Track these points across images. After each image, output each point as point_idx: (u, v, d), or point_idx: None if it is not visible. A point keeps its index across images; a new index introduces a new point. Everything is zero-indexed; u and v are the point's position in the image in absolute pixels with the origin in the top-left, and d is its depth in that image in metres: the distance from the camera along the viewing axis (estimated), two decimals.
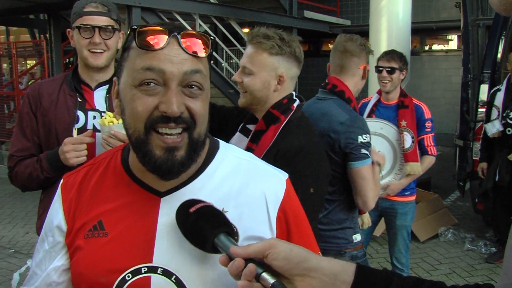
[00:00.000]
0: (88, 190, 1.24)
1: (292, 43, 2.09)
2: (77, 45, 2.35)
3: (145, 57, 1.07)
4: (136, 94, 1.08)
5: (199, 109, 1.10)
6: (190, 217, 1.05)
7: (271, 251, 0.96)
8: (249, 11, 10.22)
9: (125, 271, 1.13)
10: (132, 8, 7.85)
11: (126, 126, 1.14)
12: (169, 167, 1.08)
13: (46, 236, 1.28)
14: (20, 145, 2.36)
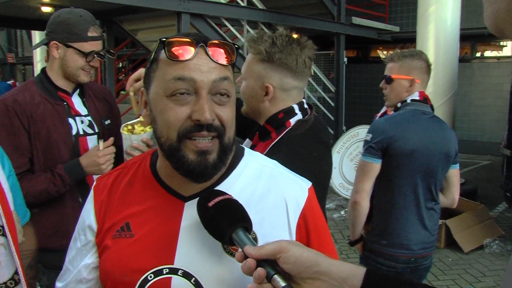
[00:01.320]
0: (118, 192, 1.30)
1: (288, 49, 1.87)
2: (71, 62, 2.38)
3: (175, 68, 1.12)
4: (168, 104, 1.12)
5: (228, 115, 1.15)
6: (208, 211, 1.08)
7: (282, 254, 0.98)
8: (296, 17, 10.23)
9: (148, 271, 1.18)
10: (182, 14, 8.01)
11: (158, 135, 1.18)
12: (202, 170, 1.13)
13: (78, 234, 1.34)
14: (17, 162, 2.20)
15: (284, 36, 1.90)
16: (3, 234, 1.36)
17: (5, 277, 1.37)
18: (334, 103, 11.31)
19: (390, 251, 2.77)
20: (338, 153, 3.45)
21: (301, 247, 1.02)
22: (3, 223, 1.36)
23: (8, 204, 1.41)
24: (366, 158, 2.73)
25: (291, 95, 1.92)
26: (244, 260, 1.00)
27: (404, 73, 2.83)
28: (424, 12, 7.28)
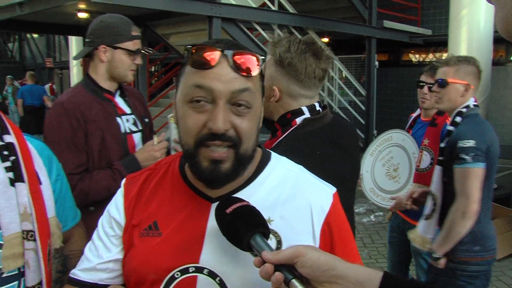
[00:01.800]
0: (147, 192, 1.32)
1: (301, 58, 1.89)
2: (119, 63, 2.50)
3: (197, 75, 1.13)
4: (187, 111, 1.14)
5: (246, 127, 1.14)
6: (226, 217, 1.09)
7: (299, 258, 0.99)
8: (328, 21, 10.23)
9: (174, 269, 1.20)
10: (213, 18, 8.10)
11: (179, 138, 1.21)
12: (214, 178, 1.14)
13: (103, 227, 1.35)
14: (78, 161, 2.36)
15: (302, 44, 1.91)
16: (34, 240, 1.38)
17: (35, 281, 1.38)
18: (365, 107, 11.26)
19: (483, 255, 2.72)
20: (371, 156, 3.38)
21: (318, 251, 1.03)
22: (34, 229, 1.39)
23: (44, 210, 1.43)
24: (477, 164, 2.63)
25: (298, 101, 1.96)
26: (262, 265, 1.01)
27: (460, 78, 2.82)
28: (456, 15, 7.19)
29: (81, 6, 8.72)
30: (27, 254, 1.36)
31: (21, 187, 1.36)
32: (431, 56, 13.71)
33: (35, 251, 1.37)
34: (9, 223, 1.33)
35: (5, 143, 1.39)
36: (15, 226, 1.34)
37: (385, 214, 7.50)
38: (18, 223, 1.35)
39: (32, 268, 1.36)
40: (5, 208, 1.33)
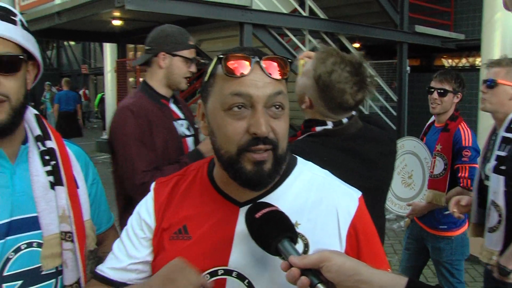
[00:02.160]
0: (177, 197, 1.36)
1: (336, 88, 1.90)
2: (176, 70, 2.65)
3: (232, 83, 1.17)
4: (226, 119, 1.17)
5: (282, 128, 1.20)
6: (255, 222, 1.13)
7: (325, 263, 1.01)
8: (359, 26, 10.18)
9: (204, 272, 1.23)
10: (244, 25, 8.16)
11: (217, 147, 1.22)
12: (259, 179, 1.18)
13: (133, 228, 1.38)
14: (148, 159, 2.50)
15: (346, 69, 1.90)
16: (71, 240, 1.46)
17: (72, 280, 1.47)
18: (396, 112, 11.15)
19: None
20: None
21: (344, 256, 1.05)
22: (72, 231, 1.46)
23: (81, 213, 1.51)
24: None
25: (324, 116, 1.99)
26: (288, 269, 1.04)
27: (511, 80, 2.76)
28: (489, 19, 7.09)
29: (115, 14, 8.92)
30: (65, 254, 1.44)
31: (60, 190, 1.45)
32: (464, 61, 13.51)
33: (72, 252, 1.45)
34: (49, 224, 1.41)
35: (46, 148, 1.48)
36: (54, 228, 1.42)
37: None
38: (57, 225, 1.43)
39: (70, 268, 1.45)
40: (45, 210, 1.41)
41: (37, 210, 1.41)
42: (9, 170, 1.40)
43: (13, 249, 1.37)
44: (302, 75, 2.05)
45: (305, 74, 2.03)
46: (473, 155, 3.44)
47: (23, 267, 1.39)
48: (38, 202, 1.41)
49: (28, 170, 1.44)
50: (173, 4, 7.49)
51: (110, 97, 14.64)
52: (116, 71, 13.20)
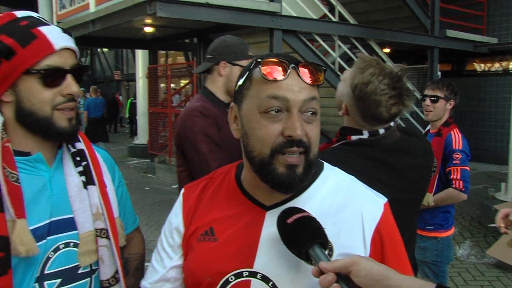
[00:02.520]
0: (205, 200, 1.40)
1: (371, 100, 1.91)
2: (234, 78, 2.70)
3: (269, 87, 1.20)
4: (261, 122, 1.20)
5: (314, 133, 1.22)
6: (287, 227, 1.15)
7: (353, 268, 1.03)
8: (389, 31, 10.14)
9: (229, 273, 1.26)
10: (274, 30, 8.21)
11: (249, 149, 1.24)
12: (291, 182, 1.20)
13: (165, 237, 1.45)
14: (222, 157, 2.60)
15: (384, 82, 1.89)
16: (107, 237, 1.53)
17: (108, 275, 1.54)
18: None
19: None
20: None
21: (372, 261, 1.06)
22: (107, 227, 1.54)
23: (112, 211, 1.58)
24: None
25: (359, 124, 2.01)
26: (319, 275, 1.06)
27: None
28: None
29: (147, 21, 9.10)
30: (101, 251, 1.52)
31: (92, 189, 1.53)
32: (497, 65, 13.29)
33: (108, 248, 1.53)
34: (83, 222, 1.49)
35: (76, 150, 1.56)
36: (88, 225, 1.50)
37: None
38: (91, 222, 1.51)
39: (106, 263, 1.53)
40: (80, 209, 1.49)
41: (72, 209, 1.49)
42: (47, 174, 1.47)
43: (52, 249, 1.44)
44: (342, 81, 2.08)
45: (344, 81, 2.05)
46: (464, 157, 3.57)
47: (61, 266, 1.46)
48: (72, 202, 1.49)
49: (63, 172, 1.52)
50: (203, 10, 7.60)
51: (141, 103, 14.86)
52: (148, 77, 13.42)
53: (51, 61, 1.40)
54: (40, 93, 1.40)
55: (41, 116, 1.41)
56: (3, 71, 1.36)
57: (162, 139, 13.15)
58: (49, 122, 1.42)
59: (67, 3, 10.33)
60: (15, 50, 1.35)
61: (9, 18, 1.41)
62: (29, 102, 1.40)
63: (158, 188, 10.95)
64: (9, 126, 1.43)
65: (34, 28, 1.39)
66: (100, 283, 1.55)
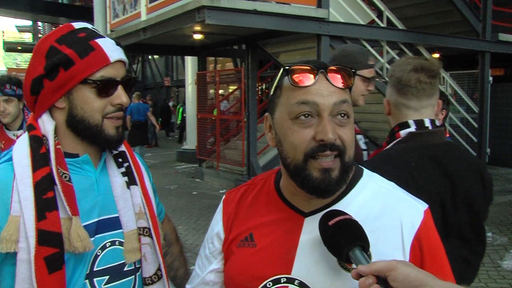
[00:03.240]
0: (245, 206, 1.42)
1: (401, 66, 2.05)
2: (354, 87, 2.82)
3: (298, 93, 1.21)
4: (293, 128, 1.22)
5: (348, 135, 1.22)
6: (328, 229, 1.15)
7: (391, 273, 1.02)
8: (438, 36, 9.99)
9: (267, 279, 1.27)
10: (321, 36, 8.23)
11: (284, 156, 1.25)
12: (327, 186, 1.19)
13: (207, 242, 1.48)
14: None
15: (409, 60, 2.04)
16: (149, 235, 1.60)
17: (151, 272, 1.61)
18: (478, 124, 10.80)
19: None
20: None
21: (410, 266, 1.05)
22: (149, 226, 1.60)
23: (153, 210, 1.65)
24: None
25: (402, 112, 2.08)
26: (359, 278, 1.05)
27: None
28: None
29: (196, 28, 9.26)
30: (144, 248, 1.59)
31: (135, 189, 1.61)
32: None
33: (150, 246, 1.60)
34: (128, 221, 1.57)
35: (118, 152, 1.64)
36: (132, 224, 1.58)
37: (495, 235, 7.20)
38: (134, 221, 1.58)
39: (148, 261, 1.60)
40: (124, 208, 1.57)
41: (117, 208, 1.56)
42: (94, 174, 1.55)
43: (100, 247, 1.51)
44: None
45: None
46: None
47: (108, 263, 1.53)
48: (117, 202, 1.56)
49: (108, 173, 1.59)
50: (251, 17, 7.70)
51: (190, 109, 15.11)
52: (197, 83, 13.64)
53: (105, 72, 1.47)
54: (93, 102, 1.47)
55: (92, 123, 1.48)
56: (60, 80, 1.45)
57: (210, 144, 13.32)
58: (99, 130, 1.49)
59: (120, 13, 10.65)
60: (74, 60, 1.44)
61: (68, 29, 1.51)
62: (82, 109, 1.48)
63: (205, 193, 11.11)
64: (60, 130, 1.51)
65: (92, 40, 1.48)
66: (143, 281, 1.62)
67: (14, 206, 1.37)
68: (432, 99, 2.06)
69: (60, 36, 1.48)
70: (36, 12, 16.64)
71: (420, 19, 11.16)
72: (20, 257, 1.36)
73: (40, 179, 1.39)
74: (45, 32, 32.30)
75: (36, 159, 1.41)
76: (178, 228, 7.93)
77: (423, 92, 2.03)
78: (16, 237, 1.35)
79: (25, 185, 1.38)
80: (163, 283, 1.64)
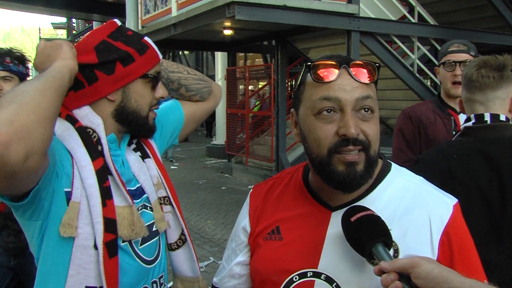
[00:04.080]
0: (272, 199, 1.43)
1: (467, 69, 2.15)
2: (442, 78, 2.92)
3: (321, 89, 1.21)
4: (316, 123, 1.22)
5: (372, 130, 1.22)
6: (351, 225, 1.15)
7: (414, 269, 1.01)
8: (471, 31, 9.80)
9: (293, 273, 1.27)
10: (352, 32, 8.18)
11: (309, 151, 1.26)
12: (351, 180, 1.20)
13: (234, 235, 1.50)
14: (406, 157, 2.87)
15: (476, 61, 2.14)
16: (170, 204, 1.69)
17: (175, 237, 1.71)
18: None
19: None
20: None
21: (433, 263, 1.04)
22: (168, 195, 1.70)
23: (169, 179, 1.74)
24: None
25: (470, 107, 2.15)
26: (381, 274, 1.05)
27: None
28: None
29: (226, 24, 9.32)
30: (167, 216, 1.69)
31: (149, 162, 1.70)
32: None
33: (172, 213, 1.70)
34: (151, 193, 1.65)
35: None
36: (153, 195, 1.66)
37: None
38: (155, 192, 1.67)
39: (172, 227, 1.70)
40: (146, 181, 1.65)
41: (139, 181, 1.63)
42: (120, 152, 1.63)
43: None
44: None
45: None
46: None
47: None
48: (138, 176, 1.64)
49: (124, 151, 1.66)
50: (281, 13, 7.70)
51: (220, 104, 15.14)
52: (226, 78, 13.70)
53: (157, 68, 1.61)
54: (148, 96, 1.60)
55: (142, 115, 1.60)
56: (119, 75, 1.53)
57: (240, 140, 13.38)
58: (145, 122, 1.61)
59: (151, 9, 10.77)
60: (135, 57, 1.54)
61: (115, 26, 1.59)
62: (136, 102, 1.58)
63: (234, 188, 11.20)
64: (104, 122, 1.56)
65: (142, 38, 1.60)
66: (169, 246, 1.72)
67: (75, 193, 1.42)
68: (498, 92, 2.06)
69: (111, 32, 1.56)
70: (71, 9, 16.91)
71: (453, 15, 11.00)
72: (78, 242, 1.42)
73: (100, 168, 1.46)
74: (79, 28, 32.87)
75: (91, 150, 1.47)
76: (207, 222, 8.01)
77: (486, 86, 2.06)
78: (75, 222, 1.41)
79: (88, 172, 1.44)
80: (188, 246, 1.73)
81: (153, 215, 1.63)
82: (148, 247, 1.60)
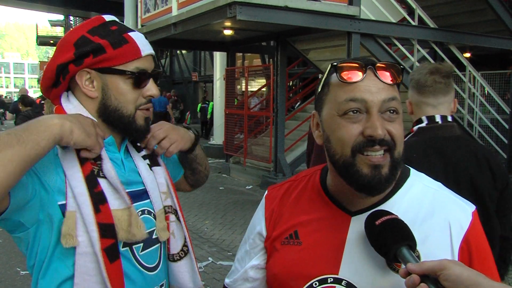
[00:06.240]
0: (289, 202, 1.40)
1: (420, 70, 2.35)
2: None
3: (346, 90, 1.20)
4: (341, 123, 1.20)
5: (397, 131, 1.20)
6: (375, 229, 1.15)
7: (442, 272, 1.00)
8: (470, 35, 9.87)
9: (313, 278, 1.25)
10: (352, 34, 8.21)
11: (332, 152, 1.23)
12: (376, 183, 1.17)
13: (248, 238, 1.48)
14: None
15: (427, 66, 2.35)
16: (175, 213, 1.66)
17: (178, 248, 1.67)
18: (508, 125, 10.64)
19: None
20: None
21: (462, 266, 1.03)
22: (174, 204, 1.67)
23: (175, 189, 1.72)
24: None
25: (420, 109, 2.37)
26: (407, 276, 1.04)
27: None
28: None
29: (227, 24, 9.33)
30: (172, 226, 1.66)
31: (158, 170, 1.68)
32: None
33: (176, 222, 1.67)
34: (156, 201, 1.63)
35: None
36: (159, 203, 1.63)
37: None
38: (161, 201, 1.64)
39: (176, 237, 1.67)
40: (152, 189, 1.63)
41: (146, 188, 1.61)
42: (119, 155, 1.61)
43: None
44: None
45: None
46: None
47: None
48: (145, 182, 1.62)
49: (131, 157, 1.65)
50: (282, 14, 7.71)
51: (218, 104, 15.18)
52: (225, 78, 13.69)
53: (139, 64, 1.52)
54: (128, 93, 1.53)
55: (125, 113, 1.53)
56: (86, 64, 1.48)
57: (238, 140, 13.37)
58: (131, 120, 1.54)
59: (151, 7, 10.77)
60: (106, 49, 1.49)
61: (100, 21, 1.56)
62: (116, 100, 1.53)
63: (232, 189, 11.18)
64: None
65: (125, 33, 1.54)
66: (171, 257, 1.67)
67: (69, 202, 1.40)
68: (447, 97, 2.35)
69: (92, 27, 1.53)
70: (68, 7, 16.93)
71: (453, 18, 11.04)
72: (80, 250, 1.40)
73: (89, 173, 1.44)
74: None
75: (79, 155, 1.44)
76: (205, 223, 8.01)
77: (439, 91, 2.32)
78: (75, 232, 1.39)
79: (77, 180, 1.41)
80: (190, 258, 1.69)
81: (156, 223, 1.60)
82: (149, 253, 1.59)
